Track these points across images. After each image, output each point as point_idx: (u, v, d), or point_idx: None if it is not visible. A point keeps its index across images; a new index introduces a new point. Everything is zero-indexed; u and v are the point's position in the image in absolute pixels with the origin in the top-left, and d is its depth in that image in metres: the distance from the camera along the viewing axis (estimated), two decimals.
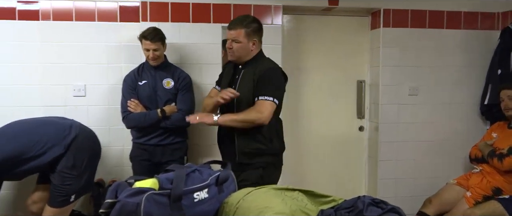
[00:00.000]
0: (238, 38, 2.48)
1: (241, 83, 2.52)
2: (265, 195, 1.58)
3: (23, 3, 3.23)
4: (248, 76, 2.50)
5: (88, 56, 3.31)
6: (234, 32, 2.49)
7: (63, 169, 2.70)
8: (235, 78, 2.58)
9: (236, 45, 2.49)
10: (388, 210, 1.56)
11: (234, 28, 2.50)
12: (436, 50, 3.74)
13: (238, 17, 2.59)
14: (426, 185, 3.73)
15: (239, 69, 2.60)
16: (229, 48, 2.53)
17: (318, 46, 3.81)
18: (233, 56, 2.54)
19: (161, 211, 1.41)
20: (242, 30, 2.48)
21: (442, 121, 3.79)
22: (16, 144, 2.63)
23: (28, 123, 2.81)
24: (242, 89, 2.48)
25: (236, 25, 2.50)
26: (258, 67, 2.51)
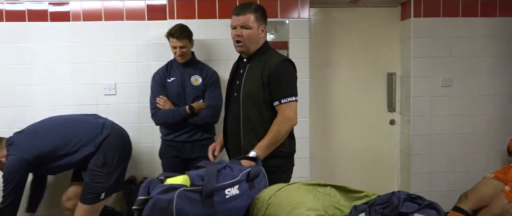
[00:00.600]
0: (247, 24, 2.23)
1: (247, 79, 2.29)
2: (297, 191, 1.55)
3: (54, 5, 3.31)
4: (255, 72, 2.27)
5: (118, 55, 3.36)
6: (243, 17, 2.23)
7: (93, 167, 2.79)
8: (240, 72, 2.36)
9: (246, 32, 2.23)
10: (425, 205, 1.50)
11: (242, 13, 2.23)
12: (470, 39, 3.61)
13: (242, 3, 2.32)
14: (462, 179, 3.62)
15: (243, 62, 2.37)
16: (237, 35, 2.25)
17: (346, 39, 3.74)
18: (243, 46, 2.27)
19: (193, 207, 1.41)
20: (252, 15, 2.24)
21: (478, 113, 3.66)
22: (53, 141, 2.75)
23: (64, 120, 2.92)
24: (248, 85, 2.28)
25: (244, 10, 2.25)
26: (266, 62, 2.26)
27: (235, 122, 2.34)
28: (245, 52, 2.31)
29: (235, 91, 2.35)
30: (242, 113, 2.29)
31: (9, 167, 2.68)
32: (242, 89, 2.29)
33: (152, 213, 1.40)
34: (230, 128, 2.41)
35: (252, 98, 2.26)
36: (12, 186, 2.66)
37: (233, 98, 2.38)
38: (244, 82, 2.29)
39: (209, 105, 2.98)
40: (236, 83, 2.37)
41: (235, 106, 2.34)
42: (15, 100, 3.32)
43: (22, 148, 2.72)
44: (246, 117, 2.28)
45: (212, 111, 2.98)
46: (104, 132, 2.87)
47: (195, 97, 2.99)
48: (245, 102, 2.28)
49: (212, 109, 2.98)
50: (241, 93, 2.30)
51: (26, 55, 3.31)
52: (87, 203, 2.84)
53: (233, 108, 2.37)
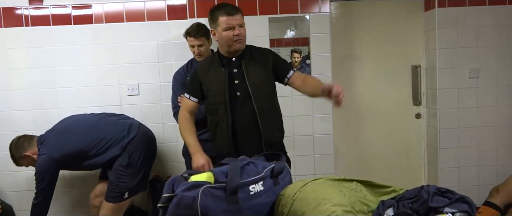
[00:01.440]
0: (243, 22, 2.33)
1: (249, 74, 2.34)
2: (323, 187, 1.53)
3: (77, 9, 3.36)
4: (253, 64, 2.36)
5: (140, 56, 3.39)
6: (239, 17, 2.31)
7: (118, 167, 2.83)
8: (234, 72, 2.36)
9: (243, 30, 2.33)
10: (456, 199, 1.46)
11: (237, 12, 2.31)
12: (498, 28, 3.48)
13: (227, 3, 2.43)
14: (492, 173, 3.52)
15: (234, 62, 2.38)
16: (237, 35, 2.30)
17: (369, 32, 3.68)
18: (242, 43, 2.35)
19: (217, 204, 1.41)
20: (241, 13, 2.35)
21: (507, 104, 3.54)
22: (82, 141, 2.83)
23: (93, 121, 3.00)
24: (253, 78, 2.33)
25: (237, 9, 2.35)
26: (253, 52, 2.41)
27: (250, 119, 2.35)
28: (240, 50, 2.37)
29: (238, 90, 2.36)
30: (257, 108, 2.32)
31: (40, 166, 2.79)
32: (249, 85, 2.33)
33: (177, 210, 1.41)
34: (244, 128, 2.37)
35: (263, 90, 2.35)
36: (44, 184, 2.77)
37: (237, 98, 2.36)
38: (248, 77, 2.33)
39: None
40: (234, 83, 2.35)
41: (245, 104, 2.34)
42: (41, 103, 3.39)
43: (52, 147, 2.81)
44: (261, 109, 2.33)
45: None
46: (130, 134, 2.91)
47: None
48: (255, 95, 2.33)
49: None
50: (250, 89, 2.32)
51: (51, 59, 3.38)
52: (111, 201, 2.90)
53: (241, 108, 2.36)
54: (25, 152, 2.89)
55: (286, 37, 3.47)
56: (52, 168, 2.79)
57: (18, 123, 3.27)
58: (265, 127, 2.33)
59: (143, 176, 2.96)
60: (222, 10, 2.32)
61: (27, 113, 3.38)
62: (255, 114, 2.33)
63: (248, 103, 2.33)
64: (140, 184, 2.98)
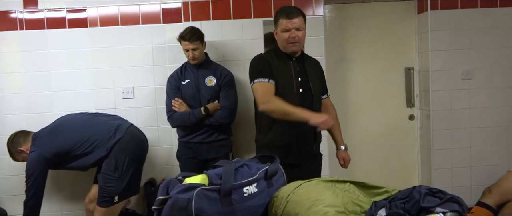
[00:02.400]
0: (301, 26, 2.45)
1: (312, 77, 2.55)
2: (316, 188, 1.54)
3: (72, 12, 3.37)
4: (314, 71, 2.61)
5: (135, 59, 3.39)
6: (298, 20, 2.42)
7: (105, 170, 2.84)
8: (296, 70, 2.51)
9: (300, 33, 2.45)
10: (447, 199, 1.47)
11: (296, 16, 2.43)
12: (490, 30, 3.53)
13: (290, 6, 2.60)
14: (485, 174, 3.56)
15: (294, 62, 2.53)
16: (293, 37, 2.42)
17: (362, 34, 3.71)
18: (298, 46, 2.48)
19: (211, 206, 1.41)
20: (301, 17, 2.45)
21: (500, 105, 3.58)
22: (69, 140, 2.85)
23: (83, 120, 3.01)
24: (315, 83, 2.57)
25: (296, 13, 2.44)
26: (313, 62, 2.67)
27: None
28: (297, 52, 2.53)
29: (301, 87, 2.50)
30: (315, 107, 2.53)
31: (29, 163, 2.82)
32: (312, 85, 2.53)
33: (171, 212, 1.42)
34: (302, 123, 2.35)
35: (318, 94, 2.61)
36: (32, 181, 2.80)
37: (299, 94, 2.48)
38: (311, 80, 2.54)
39: (224, 106, 2.99)
40: (297, 80, 2.50)
41: (305, 101, 2.49)
42: (35, 107, 3.38)
43: (42, 145, 2.84)
44: (318, 111, 2.54)
45: (227, 112, 2.99)
46: (117, 136, 2.90)
47: (210, 98, 3.01)
48: (316, 98, 2.57)
49: (227, 109, 2.99)
50: (312, 89, 2.52)
51: (46, 62, 3.37)
52: (102, 206, 2.89)
53: (302, 103, 2.45)
54: (20, 147, 2.93)
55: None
56: (40, 165, 2.81)
57: (13, 126, 3.26)
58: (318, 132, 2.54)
59: (131, 179, 2.92)
60: (283, 13, 2.46)
61: (22, 117, 3.37)
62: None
63: (309, 102, 2.50)
64: (130, 188, 2.94)
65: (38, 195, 2.84)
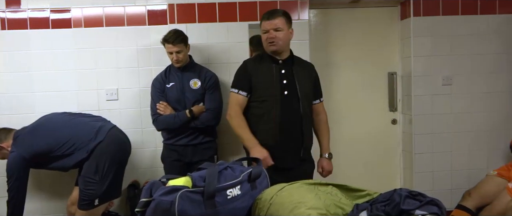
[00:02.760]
0: (280, 26, 2.51)
1: (300, 80, 2.57)
2: (299, 191, 1.56)
3: (55, 12, 3.33)
4: (304, 74, 2.61)
5: (119, 60, 3.38)
6: (277, 21, 2.51)
7: (86, 174, 2.81)
8: (282, 72, 2.55)
9: (279, 33, 2.51)
10: (426, 202, 1.51)
11: (274, 17, 2.52)
12: (470, 37, 3.61)
13: (274, 9, 2.68)
14: (465, 177, 3.63)
15: (281, 64, 2.58)
16: (271, 38, 2.51)
17: (347, 39, 3.76)
18: (277, 46, 2.53)
19: (195, 208, 1.42)
20: (282, 17, 2.53)
21: (480, 110, 3.66)
22: (48, 141, 2.82)
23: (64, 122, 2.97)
24: (304, 86, 2.57)
25: (275, 14, 2.53)
26: (305, 65, 2.69)
27: (295, 120, 2.55)
28: (278, 52, 2.56)
29: (286, 89, 2.53)
30: (303, 112, 2.55)
31: (9, 164, 2.79)
32: (299, 87, 2.54)
33: (154, 214, 1.42)
34: (288, 126, 2.54)
35: (308, 96, 2.61)
36: (13, 181, 2.77)
37: (284, 96, 2.53)
38: (299, 82, 2.55)
39: (209, 108, 2.99)
40: (283, 82, 2.54)
41: (291, 104, 2.53)
42: (18, 108, 3.33)
43: (22, 146, 2.81)
44: (306, 115, 2.57)
45: (212, 114, 3.00)
46: (98, 138, 2.85)
47: (195, 101, 3.01)
48: (303, 101, 2.56)
49: (213, 112, 3.00)
50: (299, 91, 2.54)
51: (28, 62, 3.33)
52: (82, 209, 2.85)
53: (288, 106, 2.52)
54: (1, 143, 2.89)
55: None
56: (21, 166, 2.78)
57: None
58: (306, 131, 2.59)
59: (112, 182, 2.87)
60: (264, 15, 2.57)
61: (3, 117, 3.31)
62: (301, 117, 2.55)
63: (295, 105, 2.54)
64: (111, 191, 2.89)
65: (20, 194, 2.80)
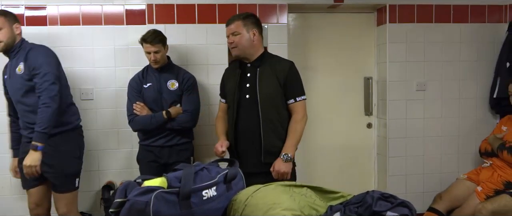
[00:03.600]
0: (237, 30, 2.53)
1: (261, 82, 2.52)
2: (274, 192, 1.58)
3: (31, 10, 3.27)
4: (268, 74, 2.52)
5: (96, 60, 3.33)
6: (232, 26, 2.55)
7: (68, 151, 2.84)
8: (247, 76, 2.57)
9: (236, 38, 2.53)
10: (397, 204, 1.55)
11: (230, 23, 2.57)
12: (443, 44, 3.72)
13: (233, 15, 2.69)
14: (437, 181, 3.73)
15: (248, 67, 2.60)
16: (230, 43, 2.57)
17: (325, 43, 3.81)
18: (237, 50, 2.55)
19: (170, 209, 1.42)
20: (239, 21, 2.55)
21: (451, 116, 3.77)
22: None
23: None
24: (265, 88, 2.51)
25: (232, 19, 2.58)
26: (276, 65, 2.55)
27: (253, 124, 2.52)
28: (240, 55, 2.57)
29: (247, 93, 2.53)
30: (262, 115, 2.49)
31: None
32: (259, 91, 2.50)
33: (129, 215, 1.41)
34: (246, 130, 2.54)
35: (270, 99, 2.50)
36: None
37: (245, 100, 2.54)
38: (259, 85, 2.50)
39: (186, 110, 2.99)
40: (246, 86, 2.55)
41: (251, 108, 2.51)
42: None
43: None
44: (266, 118, 2.50)
45: (189, 116, 2.99)
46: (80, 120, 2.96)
47: (172, 102, 3.00)
48: (263, 104, 2.49)
49: (190, 113, 2.99)
50: (258, 95, 2.50)
51: (0, 60, 3.24)
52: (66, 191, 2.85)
53: (247, 110, 2.53)
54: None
55: None
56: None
57: None
58: (266, 135, 2.49)
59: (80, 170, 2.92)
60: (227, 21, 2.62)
61: None
62: (259, 121, 2.50)
63: (254, 108, 2.51)
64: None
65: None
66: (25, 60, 2.69)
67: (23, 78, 2.67)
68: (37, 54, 2.70)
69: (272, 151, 2.51)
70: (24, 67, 2.68)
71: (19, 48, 2.76)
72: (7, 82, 2.83)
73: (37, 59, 2.66)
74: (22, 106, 2.73)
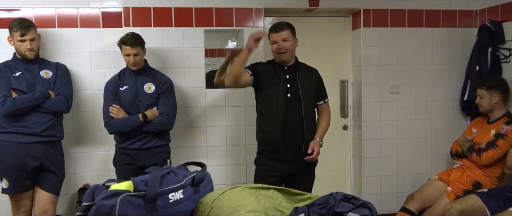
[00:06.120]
0: (288, 37, 2.82)
1: (303, 85, 2.85)
2: (239, 195, 1.62)
3: (4, 11, 3.24)
4: (307, 79, 2.90)
5: (72, 63, 3.29)
6: (284, 33, 2.82)
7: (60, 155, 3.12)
8: (286, 77, 2.85)
9: (287, 44, 2.81)
10: (359, 205, 1.61)
11: (282, 29, 2.84)
12: (416, 48, 3.81)
13: (279, 22, 2.98)
14: (410, 181, 3.81)
15: (286, 70, 2.87)
16: (279, 48, 2.81)
17: (301, 47, 3.76)
18: (286, 55, 2.83)
19: (136, 212, 1.45)
20: (289, 30, 2.84)
21: (424, 118, 3.86)
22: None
23: None
24: (306, 89, 2.86)
25: (282, 27, 2.85)
26: (308, 70, 2.96)
27: (298, 119, 2.84)
28: (287, 60, 2.87)
29: (289, 93, 2.83)
30: (304, 112, 2.84)
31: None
32: (301, 91, 2.83)
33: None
34: (291, 122, 2.83)
35: (310, 99, 2.89)
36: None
37: (288, 98, 2.82)
38: (301, 85, 2.84)
39: (162, 113, 3.01)
40: (286, 86, 2.84)
41: (294, 105, 2.83)
42: None
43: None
44: (307, 115, 2.86)
45: (166, 119, 3.01)
46: None
47: (149, 105, 3.01)
48: (305, 102, 2.84)
49: (166, 116, 3.01)
50: (301, 94, 2.83)
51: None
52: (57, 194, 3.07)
53: (291, 106, 2.82)
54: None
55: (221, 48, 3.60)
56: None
57: None
58: (307, 129, 2.85)
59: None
60: (272, 28, 2.91)
61: None
62: (302, 117, 2.84)
63: (297, 106, 2.83)
64: None
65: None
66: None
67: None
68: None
69: (309, 142, 2.87)
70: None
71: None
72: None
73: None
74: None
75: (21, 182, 2.89)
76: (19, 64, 2.96)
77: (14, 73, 2.92)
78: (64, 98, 2.97)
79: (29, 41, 2.88)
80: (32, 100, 2.85)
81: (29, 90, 2.90)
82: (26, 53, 2.91)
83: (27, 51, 2.90)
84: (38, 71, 2.97)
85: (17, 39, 2.88)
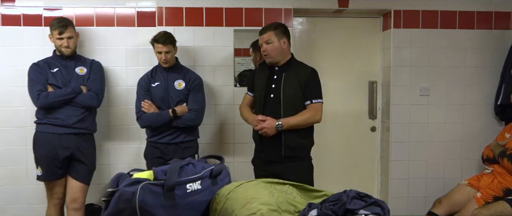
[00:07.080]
0: (269, 39, 2.80)
1: (285, 85, 2.80)
2: (254, 188, 1.68)
3: (47, 10, 3.45)
4: (291, 79, 2.81)
5: (108, 59, 3.48)
6: (265, 35, 2.82)
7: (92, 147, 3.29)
8: (273, 78, 2.85)
9: (269, 46, 2.80)
10: (371, 203, 1.63)
11: (264, 32, 2.84)
12: (448, 50, 3.73)
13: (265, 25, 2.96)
14: (438, 185, 3.73)
15: (276, 70, 2.87)
16: (263, 50, 2.83)
17: (330, 48, 3.88)
18: (268, 57, 2.83)
19: (155, 199, 1.54)
20: (271, 31, 2.81)
21: (455, 121, 3.78)
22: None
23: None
24: (288, 91, 2.79)
25: (265, 29, 2.85)
26: (299, 70, 2.85)
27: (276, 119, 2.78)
28: (272, 61, 2.84)
29: (273, 93, 2.82)
30: (283, 113, 2.78)
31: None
32: (282, 93, 2.79)
33: (117, 204, 1.54)
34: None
35: (291, 99, 2.79)
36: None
37: (270, 99, 2.83)
38: (283, 86, 2.79)
39: (191, 109, 3.11)
40: (272, 86, 2.83)
41: (275, 106, 2.81)
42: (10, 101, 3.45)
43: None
44: (286, 116, 2.77)
45: (195, 115, 3.11)
46: None
47: (178, 101, 3.12)
48: (285, 103, 2.79)
49: (195, 112, 3.11)
50: (281, 95, 2.79)
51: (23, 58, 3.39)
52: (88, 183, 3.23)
53: (271, 108, 2.82)
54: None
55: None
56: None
57: None
58: (287, 131, 2.76)
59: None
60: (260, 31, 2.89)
61: None
62: (280, 117, 2.78)
63: (277, 107, 2.80)
64: None
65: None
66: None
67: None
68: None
69: (290, 146, 2.80)
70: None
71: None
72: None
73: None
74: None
75: (53, 171, 3.08)
76: (57, 61, 3.15)
77: (52, 69, 3.11)
78: (95, 94, 3.13)
79: (67, 39, 3.06)
80: (64, 95, 3.03)
81: (64, 85, 3.08)
82: (62, 50, 3.10)
83: (63, 48, 3.09)
84: (73, 68, 3.15)
85: (56, 37, 3.08)
